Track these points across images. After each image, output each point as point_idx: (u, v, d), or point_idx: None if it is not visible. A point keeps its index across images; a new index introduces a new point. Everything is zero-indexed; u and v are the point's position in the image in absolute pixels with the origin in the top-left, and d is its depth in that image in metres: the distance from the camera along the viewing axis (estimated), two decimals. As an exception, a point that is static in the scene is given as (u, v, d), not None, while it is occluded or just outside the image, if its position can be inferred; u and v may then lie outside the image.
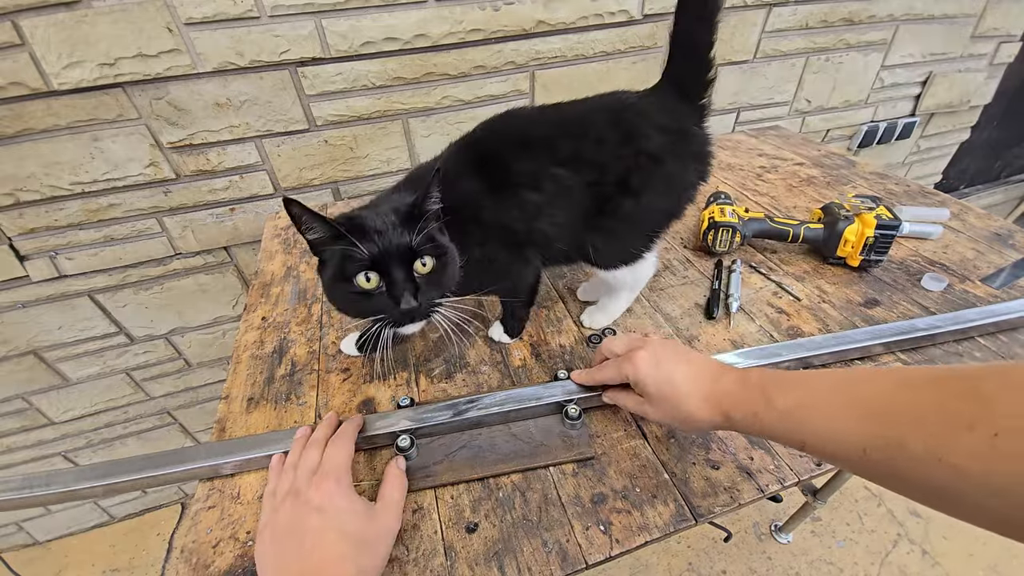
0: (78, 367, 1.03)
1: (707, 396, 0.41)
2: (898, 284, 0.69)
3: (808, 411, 0.35)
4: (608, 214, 0.53)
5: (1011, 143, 1.80)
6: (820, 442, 0.34)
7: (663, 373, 0.43)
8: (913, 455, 0.28)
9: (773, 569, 1.19)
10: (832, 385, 0.35)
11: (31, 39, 0.68)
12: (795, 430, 0.35)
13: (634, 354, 0.46)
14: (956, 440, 0.26)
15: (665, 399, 0.43)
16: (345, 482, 0.42)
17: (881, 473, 0.31)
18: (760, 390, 0.38)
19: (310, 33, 0.79)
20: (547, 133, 0.52)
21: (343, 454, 0.44)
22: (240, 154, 0.87)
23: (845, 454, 0.32)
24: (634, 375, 0.45)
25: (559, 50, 0.94)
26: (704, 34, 0.49)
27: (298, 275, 0.77)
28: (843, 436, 0.32)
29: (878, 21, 1.16)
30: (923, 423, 0.28)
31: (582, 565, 0.41)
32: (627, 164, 0.51)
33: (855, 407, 0.32)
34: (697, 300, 0.68)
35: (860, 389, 0.33)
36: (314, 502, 0.39)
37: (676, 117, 0.53)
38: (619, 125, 0.51)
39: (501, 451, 0.49)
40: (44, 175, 0.79)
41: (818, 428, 0.34)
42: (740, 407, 0.39)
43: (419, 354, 0.62)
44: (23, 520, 1.27)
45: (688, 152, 0.54)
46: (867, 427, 0.31)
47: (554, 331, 0.64)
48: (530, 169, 0.51)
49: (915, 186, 0.92)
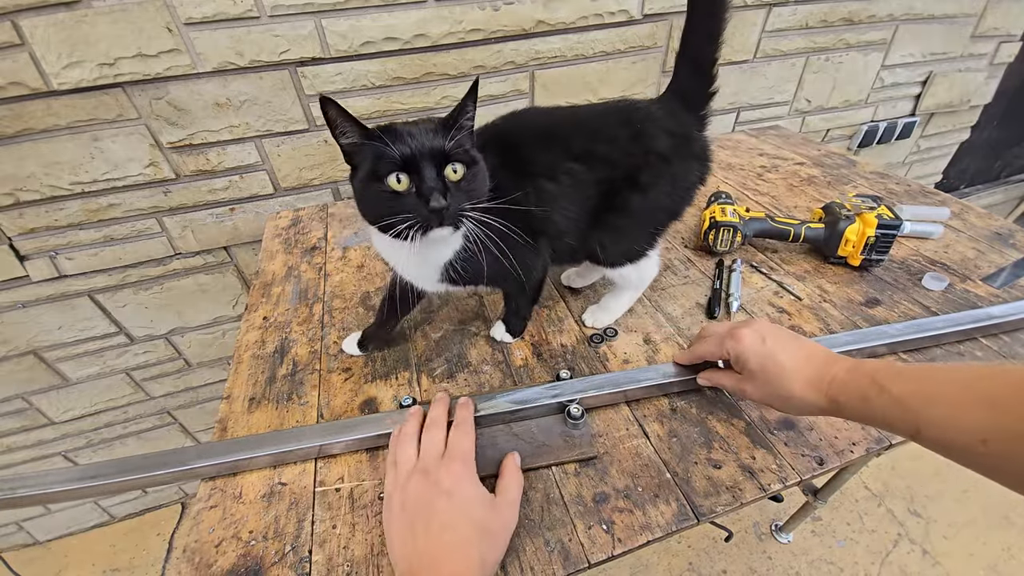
0: (78, 367, 1.03)
1: (813, 379, 0.41)
2: (899, 283, 0.69)
3: (926, 397, 0.34)
4: (616, 210, 0.55)
5: (1011, 143, 1.80)
6: (937, 430, 0.33)
7: (768, 349, 0.44)
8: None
9: (773, 569, 1.19)
10: (953, 376, 0.35)
11: (31, 39, 0.68)
12: (909, 417, 0.35)
13: (738, 331, 0.46)
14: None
15: (768, 376, 0.43)
16: (472, 467, 0.42)
17: (998, 466, 0.30)
18: (872, 378, 0.38)
19: (310, 33, 0.79)
20: (563, 129, 0.54)
21: (468, 440, 0.44)
22: (240, 154, 0.87)
23: (963, 443, 0.32)
24: (736, 349, 0.45)
25: (559, 50, 0.94)
26: (709, 52, 0.53)
27: (299, 275, 0.77)
28: (963, 424, 0.32)
29: (878, 21, 1.16)
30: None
31: (584, 564, 0.41)
32: (637, 162, 0.53)
33: (979, 397, 0.32)
34: (698, 300, 0.68)
35: (985, 381, 0.33)
36: (444, 484, 0.40)
37: (680, 122, 0.55)
38: (629, 126, 0.53)
39: (503, 450, 0.49)
40: (44, 175, 0.79)
41: (936, 415, 0.33)
42: (849, 392, 0.39)
43: (421, 353, 0.62)
44: (23, 520, 1.27)
45: (691, 154, 0.56)
46: (992, 417, 0.30)
47: (555, 330, 0.64)
48: (547, 160, 0.52)
49: (916, 186, 0.92)
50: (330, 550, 0.43)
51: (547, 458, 0.48)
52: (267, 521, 0.45)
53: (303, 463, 0.50)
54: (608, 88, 1.03)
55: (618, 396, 0.53)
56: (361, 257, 0.80)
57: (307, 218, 0.92)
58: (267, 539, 0.44)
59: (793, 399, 0.42)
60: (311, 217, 0.92)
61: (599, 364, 0.59)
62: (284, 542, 0.43)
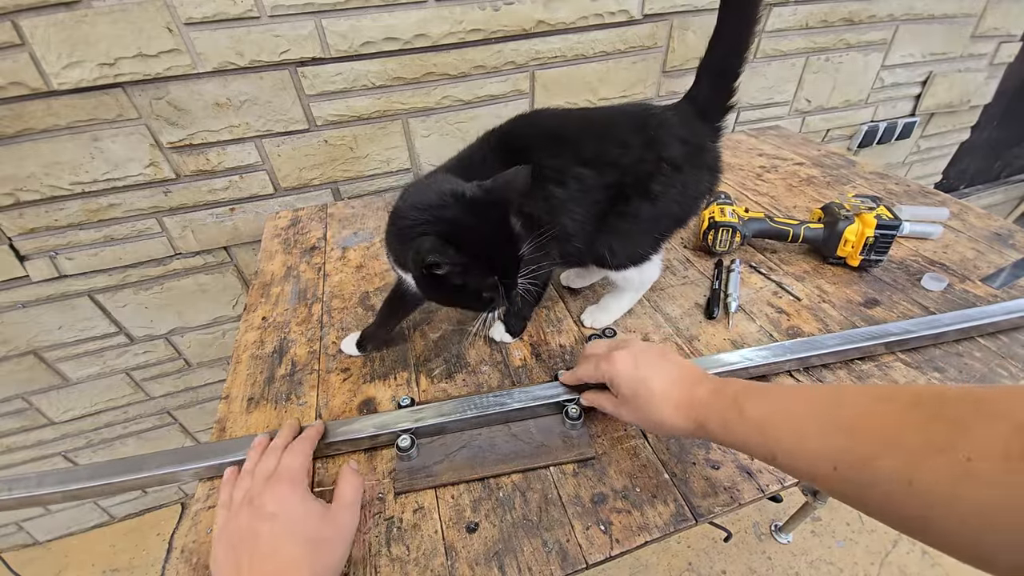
0: (78, 367, 1.03)
1: (680, 403, 0.41)
2: (898, 284, 0.69)
3: (779, 423, 0.34)
4: (624, 215, 0.55)
5: (1011, 143, 1.80)
6: (790, 457, 0.33)
7: (639, 374, 0.43)
8: (884, 475, 0.27)
9: (773, 569, 1.19)
10: (807, 398, 0.34)
11: (31, 39, 0.68)
12: (765, 442, 0.35)
13: (613, 353, 0.46)
14: (928, 462, 0.25)
15: (639, 402, 0.43)
16: (300, 485, 0.41)
17: (852, 492, 0.30)
18: (733, 399, 0.38)
19: (310, 33, 0.79)
20: (574, 133, 0.54)
21: (300, 458, 0.44)
22: (240, 154, 0.87)
23: (816, 470, 0.31)
24: (610, 373, 0.45)
25: (559, 50, 0.94)
26: (733, 67, 0.54)
27: (298, 275, 0.77)
28: (814, 450, 0.31)
29: (878, 21, 1.16)
30: (896, 442, 0.27)
31: (582, 565, 0.41)
32: (649, 169, 0.53)
33: (828, 421, 0.32)
34: (697, 300, 0.68)
35: (835, 404, 0.33)
36: (267, 508, 0.39)
37: (694, 132, 0.56)
38: (643, 132, 0.53)
39: (501, 451, 0.49)
40: (44, 175, 0.79)
41: (789, 441, 0.33)
42: (713, 416, 0.38)
43: (419, 354, 0.62)
44: (23, 520, 1.27)
45: (703, 163, 0.56)
46: (839, 442, 0.30)
47: (554, 331, 0.64)
48: (556, 165, 0.52)
49: (915, 186, 0.92)
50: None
51: (546, 458, 0.48)
52: (266, 521, 0.45)
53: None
54: (608, 88, 1.03)
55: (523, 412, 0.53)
56: (360, 257, 0.80)
57: (306, 218, 0.92)
58: (266, 539, 0.44)
59: (664, 424, 0.41)
60: (311, 217, 0.92)
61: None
62: (283, 542, 0.43)
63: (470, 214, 0.45)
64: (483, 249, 0.45)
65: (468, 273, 0.45)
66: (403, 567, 0.41)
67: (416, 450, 0.49)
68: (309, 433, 0.48)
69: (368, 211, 0.92)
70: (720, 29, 0.54)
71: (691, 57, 1.05)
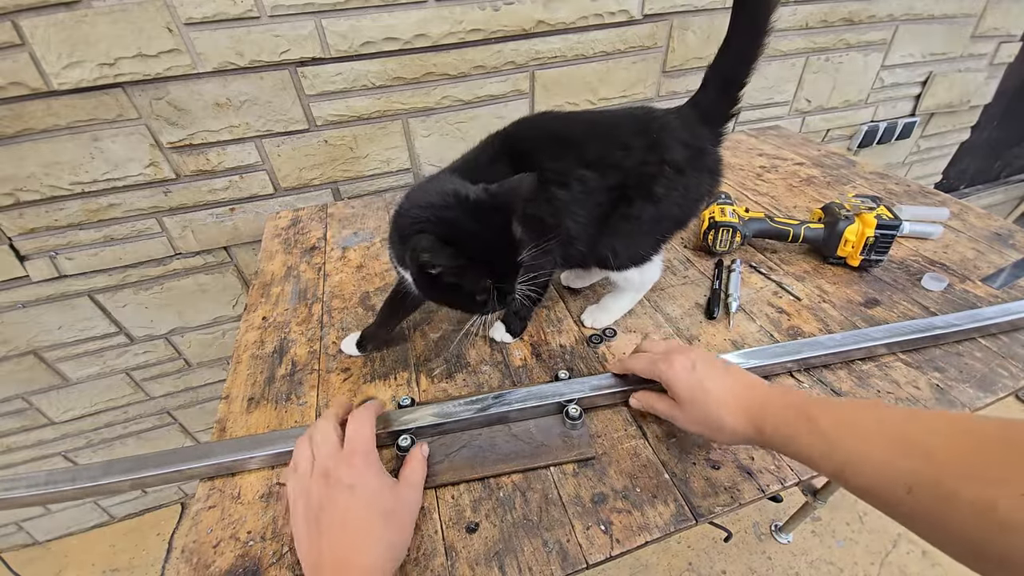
0: (78, 367, 1.03)
1: (740, 408, 0.40)
2: (898, 284, 0.69)
3: (851, 435, 0.33)
4: (627, 217, 0.55)
5: (1011, 143, 1.80)
6: (859, 474, 0.32)
7: (697, 376, 0.43)
8: (966, 500, 0.26)
9: (773, 569, 1.19)
10: (885, 416, 0.33)
11: (31, 39, 0.68)
12: (835, 455, 0.33)
13: (671, 355, 0.46)
14: (1010, 490, 0.25)
15: (697, 404, 0.43)
16: (373, 457, 0.42)
17: (918, 517, 0.29)
18: (801, 409, 0.37)
19: (310, 33, 0.79)
20: (577, 135, 0.54)
21: (367, 429, 0.44)
22: (240, 154, 0.87)
23: (887, 490, 0.30)
24: (668, 375, 0.45)
25: (559, 50, 0.94)
26: (741, 75, 0.55)
27: (298, 275, 0.77)
28: (887, 470, 0.30)
29: (878, 21, 1.16)
30: (977, 468, 0.27)
31: (583, 565, 0.41)
32: (652, 171, 0.53)
33: (900, 441, 0.31)
34: (698, 300, 0.68)
35: (911, 425, 0.31)
36: (344, 480, 0.40)
37: (696, 135, 0.56)
38: (646, 135, 0.54)
39: (501, 451, 0.49)
40: (44, 175, 0.79)
41: (862, 456, 0.32)
42: (778, 423, 0.38)
43: (419, 354, 0.62)
44: (23, 520, 1.27)
45: (704, 167, 0.57)
46: (915, 465, 0.29)
47: (554, 331, 0.64)
48: (559, 168, 0.53)
49: (915, 186, 0.92)
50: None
51: (545, 458, 0.48)
52: (265, 522, 0.45)
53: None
54: (608, 88, 1.03)
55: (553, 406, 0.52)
56: (360, 257, 0.80)
57: (307, 218, 0.92)
58: (265, 540, 0.44)
59: (723, 429, 0.41)
60: (311, 217, 0.92)
61: (597, 364, 0.59)
62: (282, 543, 0.43)
63: (471, 216, 0.45)
64: (481, 252, 0.45)
65: (463, 274, 0.45)
66: (403, 567, 0.41)
67: None
68: (373, 404, 0.48)
69: (368, 211, 0.92)
70: (731, 38, 0.54)
71: (691, 57, 1.05)
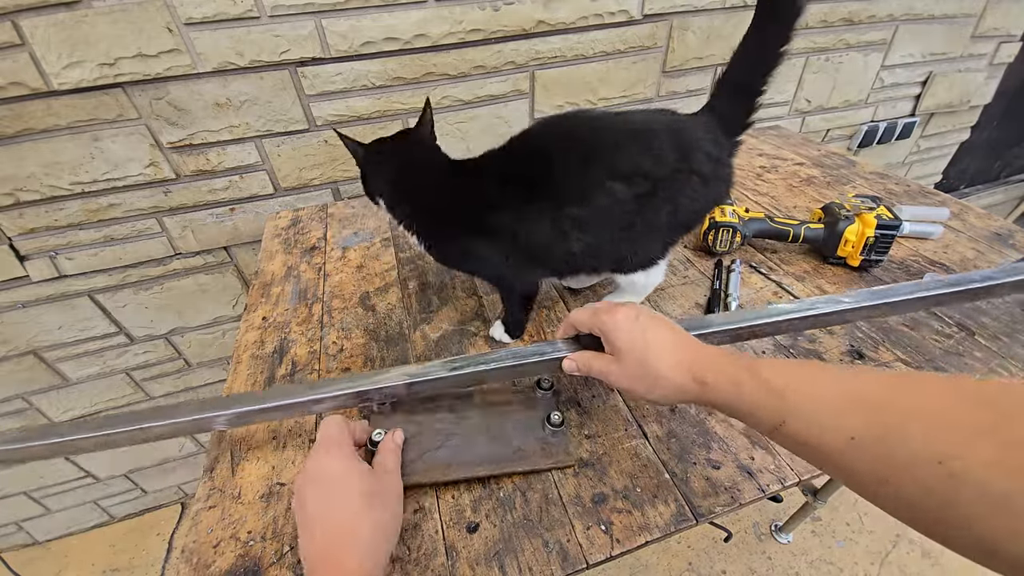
0: (78, 367, 1.03)
1: (683, 361, 0.39)
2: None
3: (797, 387, 0.33)
4: (648, 225, 0.54)
5: (1011, 143, 1.80)
6: (803, 424, 0.31)
7: (639, 326, 0.42)
8: (912, 450, 0.26)
9: (773, 569, 1.19)
10: (828, 369, 0.33)
11: (31, 39, 0.68)
12: (777, 405, 0.33)
13: (614, 306, 0.44)
14: (968, 445, 0.25)
15: (636, 354, 0.41)
16: (335, 447, 0.42)
17: (863, 467, 0.29)
18: (746, 364, 0.36)
19: (310, 33, 0.79)
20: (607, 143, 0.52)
21: (332, 427, 0.44)
22: (240, 154, 0.87)
23: (830, 440, 0.30)
24: (608, 324, 0.43)
25: (559, 50, 0.94)
26: (760, 83, 0.54)
27: (298, 275, 0.77)
28: (832, 419, 0.30)
29: (878, 21, 1.16)
30: (932, 419, 0.26)
31: (583, 565, 0.41)
32: (681, 181, 0.53)
33: (850, 393, 0.30)
34: (697, 300, 0.68)
35: (859, 378, 0.32)
36: (310, 474, 0.41)
37: (719, 145, 0.55)
38: (676, 144, 0.52)
39: (478, 453, 0.48)
40: (44, 175, 0.79)
41: (806, 406, 0.32)
42: (720, 375, 0.37)
43: (419, 354, 0.62)
44: (23, 520, 1.27)
45: (721, 176, 0.56)
46: (862, 413, 0.29)
47: (555, 331, 0.64)
48: (582, 183, 0.51)
49: (915, 186, 0.92)
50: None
51: (523, 464, 0.47)
52: (266, 522, 0.45)
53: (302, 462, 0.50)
54: (608, 88, 1.03)
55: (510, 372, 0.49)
56: (361, 257, 0.80)
57: (307, 218, 0.92)
58: (265, 539, 0.44)
59: (660, 379, 0.39)
60: (311, 217, 0.92)
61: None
62: (283, 542, 0.43)
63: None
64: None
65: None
66: (403, 567, 0.41)
67: None
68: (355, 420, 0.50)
69: (368, 211, 0.92)
70: (751, 41, 0.52)
71: (691, 57, 1.05)
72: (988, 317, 0.62)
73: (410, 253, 0.80)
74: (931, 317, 0.63)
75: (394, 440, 0.46)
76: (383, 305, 0.70)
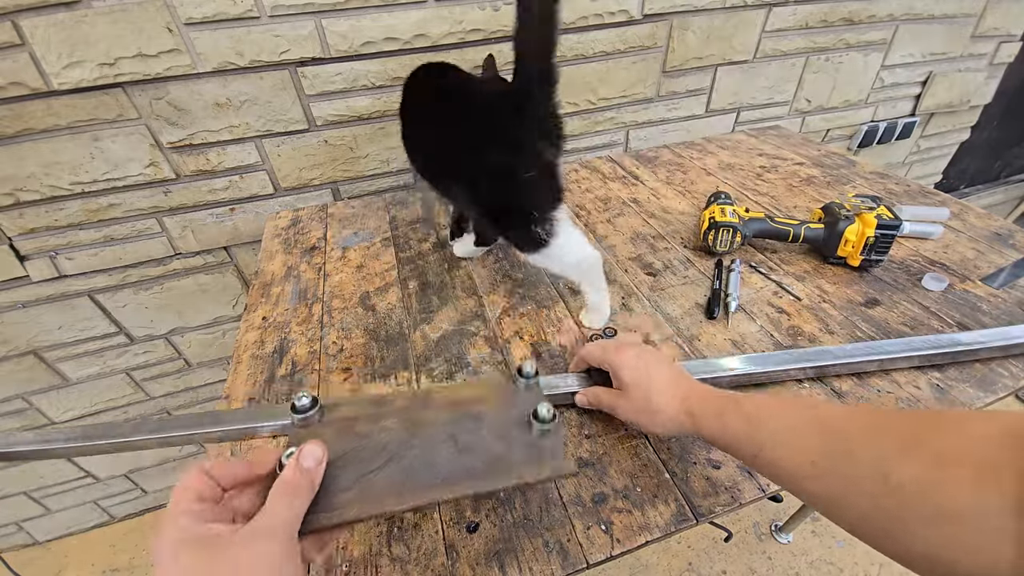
0: (78, 367, 1.03)
1: (677, 395, 0.44)
2: (899, 284, 0.69)
3: (770, 415, 0.37)
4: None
5: (1011, 143, 1.80)
6: (775, 450, 0.35)
7: (643, 364, 0.47)
8: (859, 469, 0.29)
9: (773, 569, 1.19)
10: (799, 400, 0.39)
11: (31, 39, 0.68)
12: (754, 435, 0.37)
13: (623, 345, 0.50)
14: (903, 458, 0.27)
15: (640, 390, 0.45)
16: (176, 521, 0.28)
17: (821, 488, 0.32)
18: (730, 396, 0.41)
19: (310, 33, 0.79)
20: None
21: (175, 491, 0.30)
22: (240, 154, 0.87)
23: (795, 466, 0.33)
24: (617, 360, 0.48)
25: (559, 50, 0.94)
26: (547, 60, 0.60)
27: (299, 275, 0.77)
28: (798, 445, 0.34)
29: (878, 21, 1.16)
30: (874, 437, 0.30)
31: (583, 565, 0.41)
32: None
33: (815, 421, 0.34)
34: (697, 300, 0.68)
35: (823, 408, 0.36)
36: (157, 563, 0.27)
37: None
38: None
39: (440, 471, 0.35)
40: (44, 175, 0.79)
41: (777, 434, 0.36)
42: (707, 407, 0.41)
43: (419, 354, 0.62)
44: (23, 520, 1.27)
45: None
46: (820, 437, 0.33)
47: (554, 331, 0.64)
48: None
49: (915, 186, 0.92)
50: (328, 550, 0.43)
51: (504, 479, 0.35)
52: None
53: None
54: (608, 88, 1.03)
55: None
56: (361, 257, 0.80)
57: (307, 218, 0.92)
58: (266, 539, 0.44)
59: (659, 412, 0.44)
60: (311, 217, 0.92)
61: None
62: (283, 542, 0.43)
63: None
64: None
65: None
66: (404, 567, 0.41)
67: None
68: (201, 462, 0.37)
69: (368, 211, 0.92)
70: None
71: (691, 57, 1.05)
72: (988, 317, 0.62)
73: (410, 253, 0.81)
74: (931, 317, 0.63)
75: (300, 463, 0.31)
76: (383, 305, 0.70)
